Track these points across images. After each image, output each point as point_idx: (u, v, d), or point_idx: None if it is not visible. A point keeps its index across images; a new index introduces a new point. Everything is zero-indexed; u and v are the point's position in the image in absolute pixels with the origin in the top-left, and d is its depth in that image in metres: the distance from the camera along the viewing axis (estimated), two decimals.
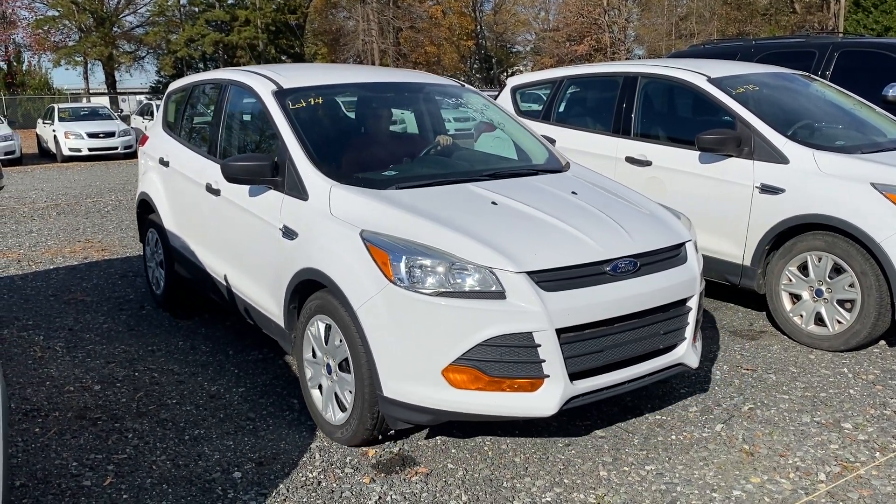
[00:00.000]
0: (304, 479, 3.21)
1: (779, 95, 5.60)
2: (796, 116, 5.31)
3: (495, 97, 7.21)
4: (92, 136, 19.17)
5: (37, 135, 22.06)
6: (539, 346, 3.01)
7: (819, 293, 4.63)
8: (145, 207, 5.68)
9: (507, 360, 3.01)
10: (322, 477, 3.22)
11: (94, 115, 20.84)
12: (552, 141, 6.24)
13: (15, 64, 43.85)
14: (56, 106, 20.98)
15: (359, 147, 4.34)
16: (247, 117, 4.62)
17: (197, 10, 49.67)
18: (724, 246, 5.07)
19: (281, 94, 4.14)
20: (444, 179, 3.81)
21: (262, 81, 4.32)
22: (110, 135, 19.40)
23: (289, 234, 3.68)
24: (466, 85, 5.04)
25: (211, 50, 48.94)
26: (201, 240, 4.80)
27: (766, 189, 4.80)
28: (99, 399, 4.03)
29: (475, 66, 63.79)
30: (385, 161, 4.17)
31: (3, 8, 41.68)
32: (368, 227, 3.27)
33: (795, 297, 4.76)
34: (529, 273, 3.05)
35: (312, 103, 4.23)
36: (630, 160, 5.60)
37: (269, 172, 3.80)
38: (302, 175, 3.70)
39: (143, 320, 5.41)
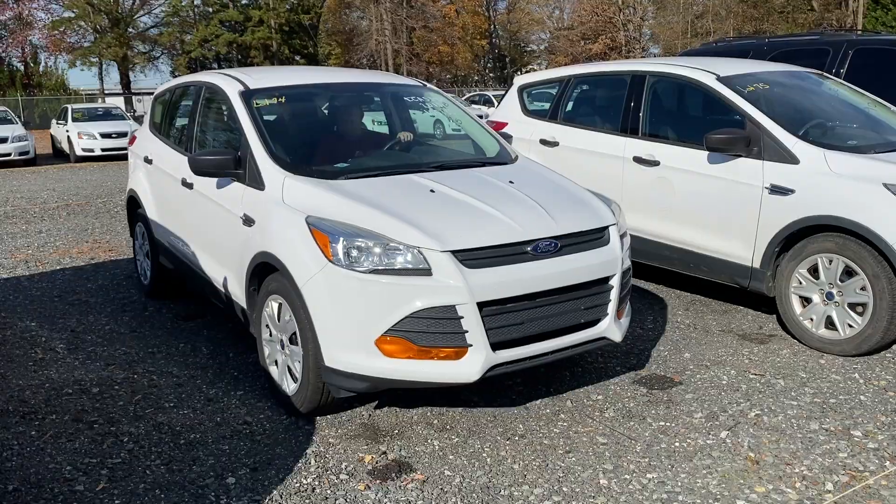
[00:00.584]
0: (298, 485, 3.16)
1: (790, 94, 5.49)
2: (808, 116, 5.20)
3: (502, 97, 7.15)
4: (105, 136, 19.26)
5: (51, 135, 22.20)
6: (462, 318, 3.30)
7: (830, 296, 4.52)
8: (133, 203, 6.00)
9: (434, 331, 3.31)
10: (316, 483, 3.17)
11: (107, 115, 20.94)
12: (555, 142, 6.18)
13: (32, 65, 44.23)
14: (70, 106, 21.08)
15: (315, 142, 4.64)
16: (217, 116, 4.92)
17: (211, 10, 49.96)
18: (732, 248, 4.97)
19: (247, 94, 4.45)
20: (391, 171, 4.11)
21: (231, 82, 4.63)
22: (123, 135, 19.42)
23: (248, 221, 4.00)
24: (429, 85, 5.34)
25: (225, 50, 49.20)
26: (180, 231, 5.09)
27: (776, 190, 4.69)
28: (96, 402, 4.00)
29: (489, 65, 63.68)
30: (339, 155, 4.43)
31: (19, 9, 42.04)
32: (314, 213, 3.57)
33: (805, 301, 4.66)
34: (454, 252, 3.34)
35: (275, 102, 4.57)
36: (638, 160, 5.51)
37: (233, 165, 4.11)
38: (260, 167, 4.01)
39: (146, 322, 5.38)
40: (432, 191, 3.79)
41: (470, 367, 3.35)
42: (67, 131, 19.61)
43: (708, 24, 54.54)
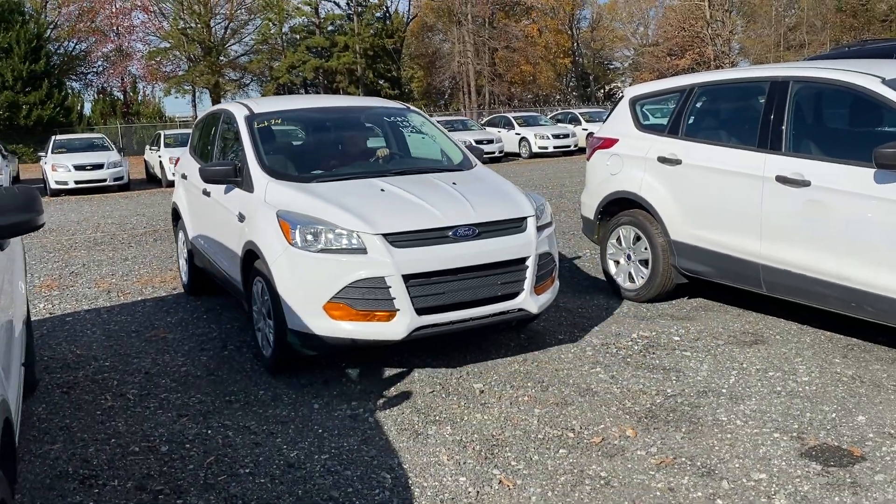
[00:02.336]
0: None
1: None
2: None
3: (610, 111, 6.44)
4: None
5: (144, 161, 22.72)
6: (390, 287, 4.09)
7: None
8: (175, 214, 6.85)
9: (368, 297, 4.11)
10: None
11: None
12: (677, 159, 5.42)
13: (130, 94, 46.23)
14: (162, 132, 21.49)
15: (298, 155, 5.53)
16: (230, 136, 5.67)
17: (298, 37, 51.10)
18: None
19: (250, 118, 5.37)
20: (356, 176, 4.92)
21: (241, 108, 5.58)
22: None
23: (241, 218, 4.85)
24: (411, 107, 6.17)
25: (311, 76, 50.19)
26: (204, 233, 5.92)
27: None
28: (164, 464, 3.49)
29: (571, 83, 62.67)
30: (318, 164, 5.23)
31: (119, 41, 44.06)
32: (284, 208, 4.41)
33: None
34: (384, 234, 4.14)
35: (273, 123, 5.54)
36: (782, 180, 4.68)
37: (233, 174, 5.00)
38: (252, 174, 4.88)
39: (224, 363, 4.90)
40: (382, 190, 4.59)
41: (398, 327, 4.12)
42: (160, 157, 19.93)
43: (802, 35, 52.02)
